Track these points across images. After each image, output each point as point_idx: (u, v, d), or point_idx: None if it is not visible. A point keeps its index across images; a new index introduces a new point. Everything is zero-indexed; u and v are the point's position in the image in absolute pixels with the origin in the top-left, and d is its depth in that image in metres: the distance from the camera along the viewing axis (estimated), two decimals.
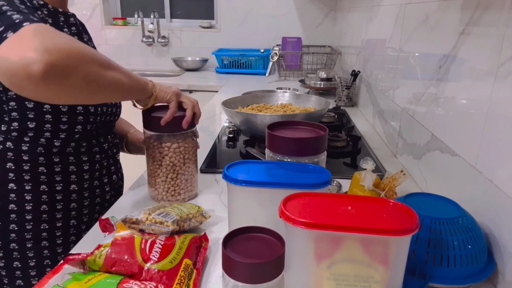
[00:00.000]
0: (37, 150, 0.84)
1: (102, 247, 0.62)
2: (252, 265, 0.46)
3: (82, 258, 0.60)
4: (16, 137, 0.83)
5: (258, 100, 1.43)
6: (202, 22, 3.11)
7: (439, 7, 0.94)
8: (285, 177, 0.67)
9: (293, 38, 2.89)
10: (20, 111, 0.81)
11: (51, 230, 0.89)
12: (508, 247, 0.62)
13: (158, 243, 0.65)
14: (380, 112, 1.47)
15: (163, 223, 0.70)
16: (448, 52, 0.86)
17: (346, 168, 1.14)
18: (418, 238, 0.63)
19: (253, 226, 0.53)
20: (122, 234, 0.65)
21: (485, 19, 0.72)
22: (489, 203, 0.67)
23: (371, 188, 0.78)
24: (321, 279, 0.53)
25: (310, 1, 2.88)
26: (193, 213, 0.77)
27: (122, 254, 0.61)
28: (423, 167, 0.99)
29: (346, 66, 2.29)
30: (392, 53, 1.32)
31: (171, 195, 0.89)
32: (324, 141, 0.77)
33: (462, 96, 0.80)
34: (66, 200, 0.89)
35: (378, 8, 1.57)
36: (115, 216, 0.72)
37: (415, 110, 1.07)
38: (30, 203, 0.86)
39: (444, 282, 0.62)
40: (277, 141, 0.76)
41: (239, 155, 1.23)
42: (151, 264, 0.61)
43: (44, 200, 0.87)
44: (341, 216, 0.53)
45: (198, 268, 0.66)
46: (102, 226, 0.72)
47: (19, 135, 0.83)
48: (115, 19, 3.21)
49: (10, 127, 0.82)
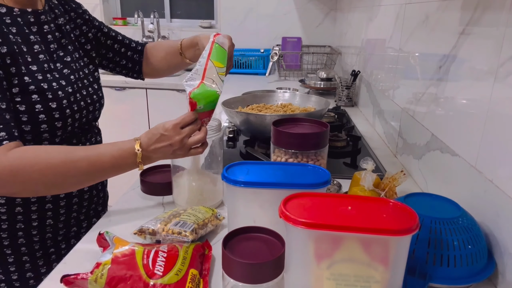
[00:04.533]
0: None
1: (102, 265, 0.60)
2: (252, 265, 0.46)
3: (82, 278, 0.58)
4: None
5: (258, 100, 1.43)
6: (202, 22, 3.10)
7: (439, 7, 0.93)
8: (284, 178, 0.67)
9: (293, 38, 2.89)
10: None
11: (29, 239, 0.86)
12: (508, 247, 0.62)
13: (160, 255, 0.63)
14: (380, 112, 1.47)
15: (181, 233, 0.69)
16: (448, 52, 0.86)
17: (346, 168, 1.14)
18: (418, 238, 0.63)
19: (253, 226, 0.53)
20: (122, 250, 0.62)
21: (485, 19, 0.72)
22: (489, 203, 0.67)
23: (371, 188, 0.78)
24: (321, 279, 0.53)
25: (310, 1, 2.88)
26: (209, 217, 0.76)
27: (124, 272, 0.59)
28: (423, 167, 0.99)
29: (346, 66, 2.29)
30: (392, 53, 1.32)
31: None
32: (327, 134, 0.85)
33: (462, 96, 0.80)
34: (41, 208, 0.86)
35: (378, 8, 1.57)
36: (109, 232, 0.69)
37: (415, 110, 1.07)
38: (4, 215, 0.83)
39: (444, 282, 0.62)
40: (284, 137, 0.82)
41: (239, 155, 1.23)
42: (156, 279, 0.59)
43: (19, 212, 0.84)
44: (341, 216, 0.53)
45: (204, 277, 0.65)
46: (99, 241, 0.69)
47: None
48: (115, 19, 3.21)
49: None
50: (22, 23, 0.81)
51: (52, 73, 0.83)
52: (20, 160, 0.70)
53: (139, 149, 0.76)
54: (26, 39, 0.80)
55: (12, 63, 0.76)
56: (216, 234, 0.79)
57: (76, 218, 0.94)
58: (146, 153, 0.76)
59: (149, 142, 0.76)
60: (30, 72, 0.79)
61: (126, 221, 0.83)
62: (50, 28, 0.88)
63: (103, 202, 1.05)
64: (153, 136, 0.76)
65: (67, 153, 0.74)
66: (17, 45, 0.78)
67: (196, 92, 0.74)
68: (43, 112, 0.80)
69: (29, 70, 0.79)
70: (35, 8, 0.85)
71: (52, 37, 0.87)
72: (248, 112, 1.26)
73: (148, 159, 0.78)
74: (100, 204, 1.03)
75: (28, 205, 0.84)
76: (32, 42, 0.82)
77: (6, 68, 0.75)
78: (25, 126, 0.79)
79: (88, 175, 0.76)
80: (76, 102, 0.87)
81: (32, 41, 0.82)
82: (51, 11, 0.91)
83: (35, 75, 0.79)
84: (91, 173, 0.76)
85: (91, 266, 0.61)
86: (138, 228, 0.73)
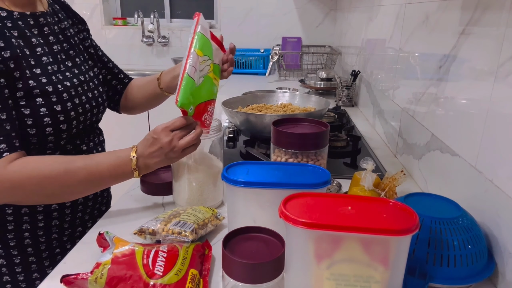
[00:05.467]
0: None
1: (102, 265, 0.60)
2: (252, 265, 0.46)
3: (82, 278, 0.58)
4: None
5: (258, 100, 1.43)
6: None
7: (439, 7, 0.93)
8: (284, 178, 0.67)
9: (293, 38, 2.89)
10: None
11: (35, 240, 0.86)
12: (508, 247, 0.62)
13: (160, 255, 0.63)
14: (380, 112, 1.47)
15: (181, 233, 0.69)
16: (448, 52, 0.86)
17: (346, 168, 1.14)
18: (418, 238, 0.63)
19: (253, 226, 0.53)
20: (122, 250, 0.62)
21: (485, 19, 0.72)
22: (489, 203, 0.67)
23: (371, 188, 0.78)
24: (321, 279, 0.53)
25: (310, 1, 2.88)
26: (208, 217, 0.76)
27: (124, 272, 0.59)
28: (423, 167, 0.99)
29: (346, 66, 2.29)
30: (392, 53, 1.32)
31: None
32: (327, 134, 0.86)
33: (462, 96, 0.80)
34: (47, 209, 0.86)
35: (378, 8, 1.57)
36: (109, 232, 0.69)
37: (415, 110, 1.07)
38: (11, 216, 0.84)
39: (444, 282, 0.62)
40: (284, 137, 0.82)
41: (239, 155, 1.23)
42: (156, 279, 0.59)
43: (25, 212, 0.84)
44: (341, 216, 0.53)
45: (204, 277, 0.65)
46: (99, 241, 0.69)
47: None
48: (115, 19, 3.21)
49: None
50: (23, 26, 0.81)
51: (56, 75, 0.83)
52: (19, 174, 0.71)
53: (134, 155, 0.76)
54: (28, 42, 0.80)
55: (16, 67, 0.76)
56: (216, 234, 0.79)
57: (81, 218, 0.94)
58: (143, 160, 0.76)
59: (144, 148, 0.76)
60: (34, 76, 0.79)
61: (126, 221, 0.83)
62: (52, 30, 0.88)
63: (106, 202, 1.05)
64: (147, 141, 0.76)
65: (66, 164, 0.75)
66: (19, 49, 0.77)
67: (180, 100, 0.72)
68: (48, 115, 0.80)
69: (33, 73, 0.79)
70: (34, 10, 0.85)
71: (54, 38, 0.87)
72: (248, 112, 1.26)
73: (146, 166, 0.77)
74: (104, 204, 1.03)
75: (34, 206, 0.85)
76: (34, 44, 0.81)
77: (9, 73, 0.75)
78: (30, 129, 0.79)
79: (87, 185, 0.77)
80: (81, 105, 0.87)
81: (34, 43, 0.81)
82: (54, 15, 0.91)
83: (39, 78, 0.79)
84: (90, 183, 0.76)
85: (91, 266, 0.61)
86: (138, 228, 0.73)
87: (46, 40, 0.85)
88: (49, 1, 0.93)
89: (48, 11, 0.89)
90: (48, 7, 0.90)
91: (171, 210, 0.79)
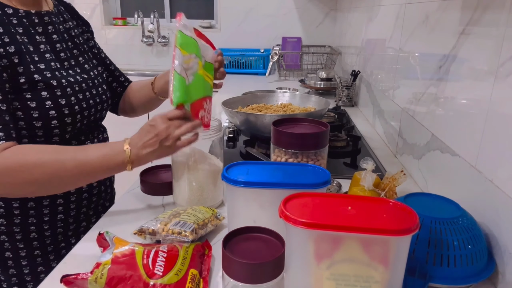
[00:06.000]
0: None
1: (102, 265, 0.60)
2: (252, 265, 0.46)
3: (82, 278, 0.58)
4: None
5: (258, 100, 1.43)
6: (202, 22, 3.10)
7: (439, 7, 0.93)
8: (284, 178, 0.67)
9: (293, 38, 2.89)
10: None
11: (40, 234, 0.87)
12: (508, 247, 0.62)
13: (160, 255, 0.63)
14: (380, 112, 1.47)
15: (181, 233, 0.69)
16: (448, 52, 0.86)
17: (346, 168, 1.14)
18: (418, 238, 0.63)
19: (253, 226, 0.53)
20: (122, 250, 0.62)
21: (485, 19, 0.72)
22: (489, 203, 0.67)
23: (371, 188, 0.78)
24: (321, 279, 0.53)
25: (310, 1, 2.88)
26: (209, 217, 0.76)
27: (124, 272, 0.59)
28: (423, 167, 0.99)
29: (346, 66, 2.29)
30: (392, 53, 1.32)
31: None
32: (327, 134, 0.86)
33: (462, 96, 0.80)
34: (52, 203, 0.87)
35: (378, 8, 1.57)
36: (109, 232, 0.69)
37: (415, 110, 1.07)
38: (17, 209, 0.84)
39: (444, 282, 0.62)
40: (284, 137, 0.82)
41: (239, 155, 1.23)
42: (156, 279, 0.59)
43: (31, 206, 0.85)
44: (341, 216, 0.53)
45: (204, 277, 0.65)
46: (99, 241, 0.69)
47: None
48: (115, 19, 3.21)
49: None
50: (27, 24, 0.83)
51: (60, 71, 0.85)
52: (10, 160, 0.71)
53: (128, 147, 0.75)
54: (32, 39, 0.82)
55: (20, 62, 0.77)
56: (216, 234, 0.79)
57: (85, 213, 0.95)
58: (136, 151, 0.74)
59: (138, 138, 0.75)
60: (39, 70, 0.80)
61: (126, 221, 0.83)
62: (56, 29, 0.89)
63: (110, 198, 1.06)
64: (143, 130, 0.76)
65: (57, 152, 0.74)
66: (24, 45, 0.79)
67: (175, 99, 0.72)
68: (53, 108, 0.81)
69: (37, 68, 0.80)
70: (39, 9, 0.87)
71: (58, 37, 0.89)
72: (248, 112, 1.26)
73: (139, 158, 0.75)
74: (108, 200, 1.04)
75: (40, 200, 0.86)
76: (38, 42, 0.83)
77: (13, 67, 0.76)
78: (37, 122, 0.80)
79: (79, 175, 0.75)
80: (84, 100, 0.89)
81: (38, 41, 0.83)
82: (60, 15, 0.93)
83: (44, 72, 0.81)
84: (80, 172, 0.74)
85: (91, 266, 0.61)
86: (138, 228, 0.73)
87: (49, 38, 0.87)
88: (55, 2, 0.94)
89: (53, 11, 0.91)
90: (53, 8, 0.92)
91: (171, 210, 0.78)
